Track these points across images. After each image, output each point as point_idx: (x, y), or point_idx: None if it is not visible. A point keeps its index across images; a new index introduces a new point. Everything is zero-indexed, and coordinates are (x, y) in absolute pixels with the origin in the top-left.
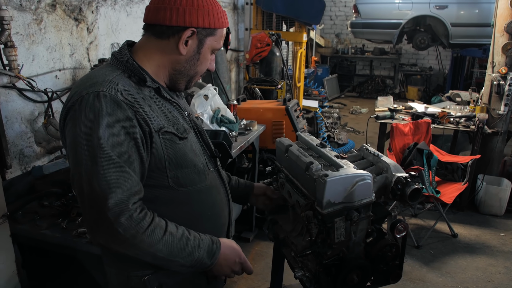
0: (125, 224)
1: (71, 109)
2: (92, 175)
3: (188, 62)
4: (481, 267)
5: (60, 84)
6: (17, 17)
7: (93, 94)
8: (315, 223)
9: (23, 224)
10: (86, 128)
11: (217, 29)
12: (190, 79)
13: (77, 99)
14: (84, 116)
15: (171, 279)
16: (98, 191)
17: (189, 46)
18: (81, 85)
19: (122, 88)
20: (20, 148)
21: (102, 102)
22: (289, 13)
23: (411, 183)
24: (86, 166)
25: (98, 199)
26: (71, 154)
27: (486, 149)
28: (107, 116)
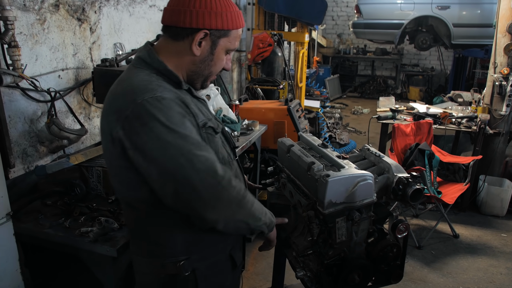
0: (236, 186)
1: (131, 117)
2: (193, 160)
3: (202, 63)
4: (482, 267)
5: (63, 84)
6: (21, 17)
7: (152, 99)
8: (317, 223)
9: (26, 223)
10: (165, 126)
11: (231, 30)
12: (205, 78)
13: (135, 106)
14: (155, 118)
15: (201, 264)
16: (204, 169)
17: (202, 47)
18: (128, 94)
19: (169, 91)
20: (23, 148)
21: (164, 104)
22: (291, 13)
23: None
24: (184, 156)
25: (209, 176)
26: (160, 154)
27: (488, 149)
28: (174, 113)
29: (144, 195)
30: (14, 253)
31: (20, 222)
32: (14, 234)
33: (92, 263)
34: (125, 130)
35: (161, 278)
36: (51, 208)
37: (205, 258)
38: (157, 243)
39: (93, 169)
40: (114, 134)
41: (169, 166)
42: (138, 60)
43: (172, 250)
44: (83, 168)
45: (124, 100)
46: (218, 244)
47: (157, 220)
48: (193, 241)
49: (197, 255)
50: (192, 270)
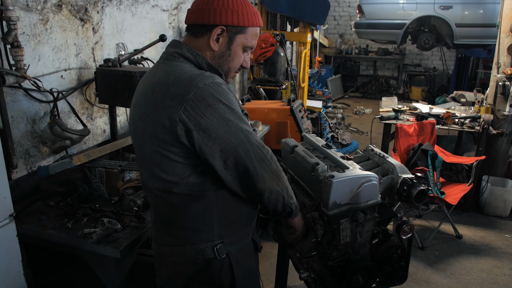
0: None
1: (194, 100)
2: (249, 136)
3: (220, 58)
4: (486, 268)
5: (66, 84)
6: (24, 17)
7: (213, 84)
8: (321, 224)
9: (29, 224)
10: (228, 107)
11: (247, 27)
12: (225, 74)
13: (196, 90)
14: (219, 100)
15: (233, 248)
16: (257, 144)
17: (220, 43)
18: (186, 81)
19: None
20: (26, 148)
21: (223, 88)
22: (294, 14)
23: (417, 184)
24: (243, 132)
25: (260, 150)
26: (225, 131)
27: (491, 150)
28: (231, 96)
29: (189, 177)
30: (17, 254)
31: (23, 223)
32: (17, 235)
33: (95, 265)
34: (188, 112)
35: (197, 264)
36: (53, 209)
37: (235, 242)
38: (195, 228)
39: (95, 169)
40: (173, 118)
41: (233, 141)
42: (175, 55)
43: (209, 235)
44: (86, 168)
45: (184, 85)
46: (244, 228)
47: (195, 206)
48: (226, 225)
49: (229, 239)
50: (227, 254)
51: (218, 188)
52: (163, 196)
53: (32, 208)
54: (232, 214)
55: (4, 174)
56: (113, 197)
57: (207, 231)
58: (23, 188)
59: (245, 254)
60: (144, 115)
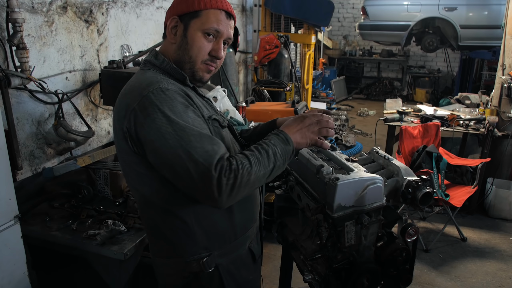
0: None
1: (137, 109)
2: (191, 152)
3: (180, 48)
4: (491, 271)
5: (70, 85)
6: (29, 19)
7: (156, 90)
8: (325, 227)
9: (34, 225)
10: (166, 117)
11: (201, 10)
12: (191, 66)
13: (141, 99)
14: (159, 109)
15: (224, 259)
16: (201, 162)
17: (178, 35)
18: (136, 89)
19: (174, 85)
20: (31, 150)
21: (168, 94)
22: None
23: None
24: (183, 147)
25: (205, 168)
26: (160, 145)
27: (496, 152)
28: (177, 103)
29: (159, 190)
30: (22, 255)
31: (28, 224)
32: (22, 237)
33: (99, 266)
34: (131, 122)
35: (185, 277)
36: (58, 210)
37: (226, 253)
38: (177, 242)
39: (100, 171)
40: (124, 128)
41: (169, 158)
42: (144, 63)
43: (193, 248)
44: (90, 170)
45: (132, 95)
46: (237, 238)
47: (173, 219)
48: (214, 237)
49: (219, 251)
50: (216, 266)
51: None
52: (142, 208)
53: (37, 209)
54: (219, 225)
55: (9, 176)
56: (118, 198)
57: (190, 244)
58: (27, 190)
59: (240, 265)
60: (113, 124)
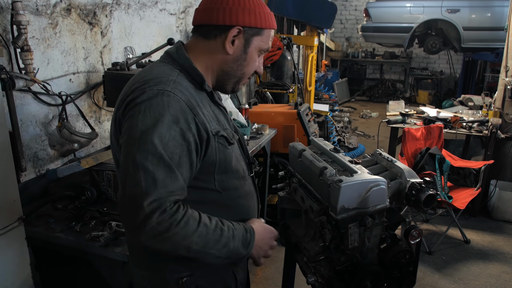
0: (160, 218)
1: (132, 102)
2: (140, 170)
3: (235, 62)
4: (494, 274)
5: (74, 87)
6: (33, 21)
7: (158, 92)
8: (329, 229)
9: (37, 227)
10: (145, 123)
11: (264, 29)
12: (238, 80)
13: (140, 94)
14: (144, 111)
15: (205, 281)
16: (142, 186)
17: (235, 46)
18: (143, 82)
19: (185, 90)
20: (35, 151)
21: (165, 101)
22: (301, 17)
23: (426, 188)
24: (135, 159)
25: (140, 194)
26: (124, 144)
27: (499, 154)
28: (168, 115)
29: None
30: (25, 257)
31: (31, 226)
32: (25, 238)
33: (102, 268)
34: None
35: None
36: (62, 212)
37: (208, 274)
38: (158, 256)
39: (103, 173)
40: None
41: (122, 158)
42: (165, 55)
43: (174, 265)
44: (94, 172)
45: (135, 86)
46: None
47: None
48: None
49: (200, 271)
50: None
51: None
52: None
53: (40, 211)
54: None
55: (14, 177)
56: None
57: (171, 261)
58: (31, 191)
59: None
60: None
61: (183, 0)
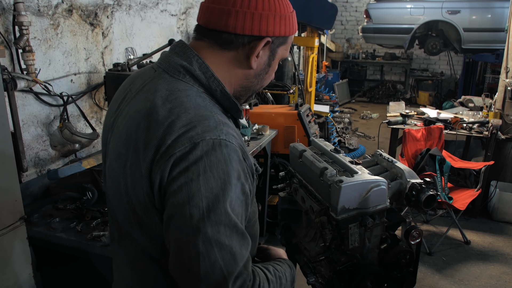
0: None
1: (183, 161)
2: (214, 247)
3: (257, 77)
4: (494, 275)
5: (75, 88)
6: (35, 22)
7: (214, 143)
8: (329, 229)
9: (39, 227)
10: (209, 188)
11: (289, 36)
12: (253, 93)
13: (191, 148)
14: (205, 172)
15: None
16: (221, 265)
17: (259, 59)
18: (185, 124)
19: (233, 131)
20: (36, 152)
21: (226, 155)
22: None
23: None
24: (206, 235)
25: (222, 277)
26: (182, 217)
27: (500, 155)
28: (233, 172)
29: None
30: (27, 256)
31: (32, 226)
32: (27, 238)
33: (103, 267)
34: (165, 168)
35: None
36: (63, 212)
37: None
38: None
39: None
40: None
41: (179, 234)
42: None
43: None
44: (95, 172)
45: (175, 134)
46: None
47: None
48: None
49: None
50: None
51: None
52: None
53: (42, 211)
54: None
55: (16, 177)
56: None
57: None
58: (32, 191)
59: None
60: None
61: (184, 1)
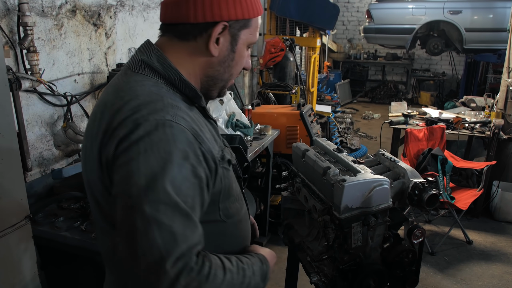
0: (188, 279)
1: (125, 140)
2: (152, 225)
3: (221, 65)
4: (497, 274)
5: (79, 88)
6: (39, 22)
7: (157, 123)
8: (332, 228)
9: (43, 226)
10: (150, 166)
11: (252, 19)
12: (225, 84)
13: (133, 128)
14: (145, 151)
15: None
16: (159, 244)
17: (220, 45)
18: (132, 109)
19: (185, 114)
20: (40, 151)
21: (169, 134)
22: (303, 18)
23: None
24: (144, 213)
25: (159, 256)
26: (122, 196)
27: (502, 155)
28: (176, 152)
29: None
30: (32, 255)
31: (37, 225)
32: (32, 237)
33: None
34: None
35: None
36: (67, 211)
37: None
38: None
39: None
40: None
41: (121, 214)
42: (139, 64)
43: None
44: None
45: (122, 116)
46: None
47: None
48: None
49: None
50: None
51: None
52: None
53: (46, 210)
54: None
55: (21, 177)
56: None
57: None
58: (36, 191)
59: None
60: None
61: None
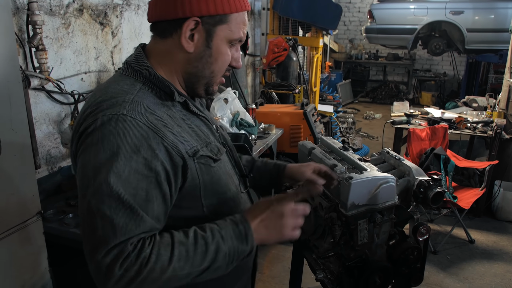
0: (125, 264)
1: (84, 133)
2: (96, 216)
3: (199, 61)
4: (499, 273)
5: (86, 86)
6: (47, 21)
7: (111, 117)
8: (339, 225)
9: (52, 222)
10: (98, 158)
11: (229, 14)
12: (209, 81)
13: (91, 122)
14: (97, 143)
15: None
16: (99, 235)
17: (195, 41)
18: (96, 104)
19: (146, 109)
20: (48, 149)
21: (120, 128)
22: (306, 18)
23: (434, 186)
24: (90, 203)
25: (97, 244)
26: (78, 185)
27: (504, 154)
28: (125, 145)
29: None
30: (43, 251)
31: (47, 222)
32: (43, 233)
33: None
34: (73, 146)
35: None
36: (75, 208)
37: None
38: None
39: None
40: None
41: (79, 209)
42: (125, 66)
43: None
44: None
45: (88, 111)
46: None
47: None
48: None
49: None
50: None
51: None
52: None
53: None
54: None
55: (33, 173)
56: None
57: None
58: (45, 188)
59: None
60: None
61: None
